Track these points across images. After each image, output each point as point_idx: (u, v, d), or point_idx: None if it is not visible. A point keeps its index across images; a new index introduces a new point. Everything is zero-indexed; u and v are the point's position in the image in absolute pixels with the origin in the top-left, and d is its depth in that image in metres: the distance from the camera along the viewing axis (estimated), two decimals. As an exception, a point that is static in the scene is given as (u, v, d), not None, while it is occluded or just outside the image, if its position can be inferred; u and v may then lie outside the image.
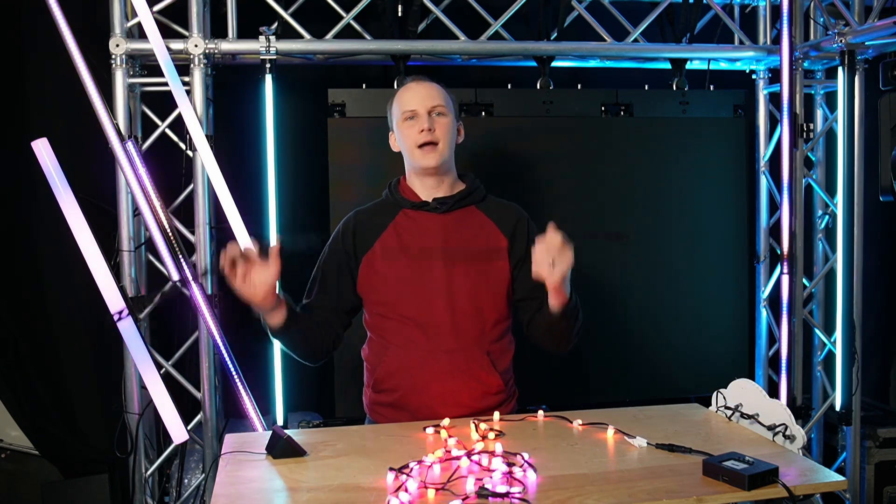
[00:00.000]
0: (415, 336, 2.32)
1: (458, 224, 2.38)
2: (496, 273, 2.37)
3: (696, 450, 1.90)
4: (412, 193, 2.40)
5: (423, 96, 2.33)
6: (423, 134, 2.29)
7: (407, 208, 2.39)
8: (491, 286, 2.36)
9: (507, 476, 1.76)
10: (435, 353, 2.30)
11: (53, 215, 2.81)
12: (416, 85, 2.36)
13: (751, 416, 2.11)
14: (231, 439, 2.08)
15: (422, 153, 2.31)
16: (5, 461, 3.43)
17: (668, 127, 3.59)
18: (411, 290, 2.32)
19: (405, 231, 2.37)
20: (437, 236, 2.35)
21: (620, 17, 3.52)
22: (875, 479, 3.66)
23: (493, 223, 2.40)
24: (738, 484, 1.69)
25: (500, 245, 2.38)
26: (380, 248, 2.36)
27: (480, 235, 2.38)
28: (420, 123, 2.31)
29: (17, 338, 3.45)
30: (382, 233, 2.37)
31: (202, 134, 3.10)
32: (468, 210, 2.41)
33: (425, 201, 2.37)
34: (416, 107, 2.33)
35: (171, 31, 3.23)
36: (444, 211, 2.37)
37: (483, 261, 2.36)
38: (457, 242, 2.35)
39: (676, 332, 3.62)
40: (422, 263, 2.33)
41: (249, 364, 3.18)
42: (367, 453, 1.96)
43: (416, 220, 2.38)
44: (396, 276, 2.34)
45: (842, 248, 3.47)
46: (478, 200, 2.43)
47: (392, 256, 2.35)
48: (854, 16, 3.40)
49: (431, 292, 2.32)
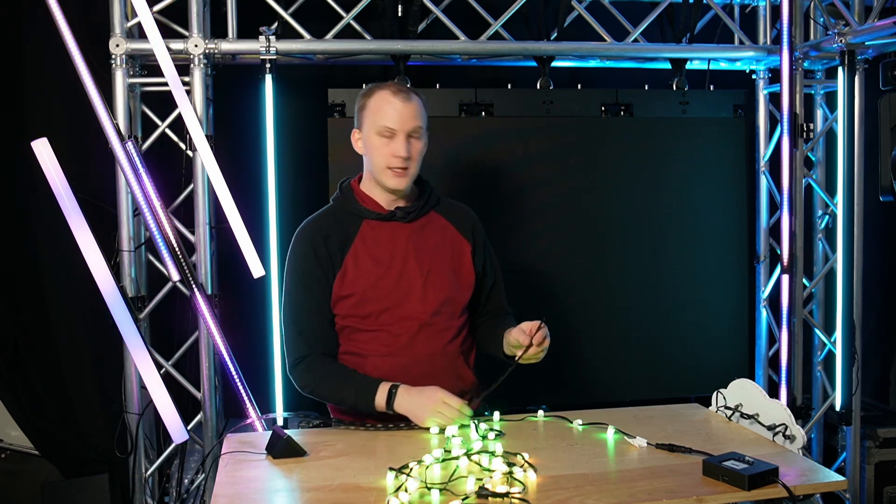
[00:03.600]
0: (394, 344, 2.31)
1: (422, 231, 2.37)
2: (465, 276, 2.41)
3: (696, 450, 1.90)
4: (373, 203, 2.35)
5: (405, 117, 2.24)
6: (398, 160, 2.24)
7: (370, 219, 2.34)
8: (462, 288, 2.40)
9: (506, 476, 1.76)
10: (416, 357, 2.30)
11: (53, 215, 2.81)
12: (399, 103, 2.25)
13: (751, 416, 2.12)
14: (231, 439, 2.08)
15: (392, 175, 2.26)
16: (5, 461, 3.43)
17: (668, 127, 3.59)
18: (387, 300, 2.30)
19: (374, 243, 2.33)
20: (406, 245, 2.34)
21: (620, 17, 3.52)
22: (875, 479, 3.66)
23: (452, 226, 2.42)
24: (738, 484, 1.69)
25: (465, 249, 2.42)
26: (351, 262, 2.31)
27: (445, 240, 2.40)
28: (396, 146, 2.24)
29: (17, 338, 3.44)
30: (350, 247, 2.32)
31: (202, 134, 3.10)
32: (429, 216, 2.41)
33: (390, 212, 2.34)
34: (395, 126, 2.24)
35: (171, 31, 3.24)
36: (410, 220, 2.36)
37: (452, 264, 2.39)
38: (425, 250, 2.35)
39: (676, 333, 3.62)
40: (393, 273, 2.31)
41: (249, 364, 3.18)
42: (367, 453, 1.96)
43: (383, 230, 2.34)
44: (370, 289, 2.30)
45: (842, 248, 3.47)
46: (435, 204, 2.43)
47: (363, 269, 2.30)
48: (854, 16, 3.40)
49: (407, 300, 2.30)
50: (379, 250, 2.32)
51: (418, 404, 2.13)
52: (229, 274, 3.32)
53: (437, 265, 2.35)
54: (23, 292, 3.47)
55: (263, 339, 3.25)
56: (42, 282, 3.48)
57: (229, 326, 3.19)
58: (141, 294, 3.24)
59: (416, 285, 2.31)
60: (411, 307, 2.31)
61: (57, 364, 3.50)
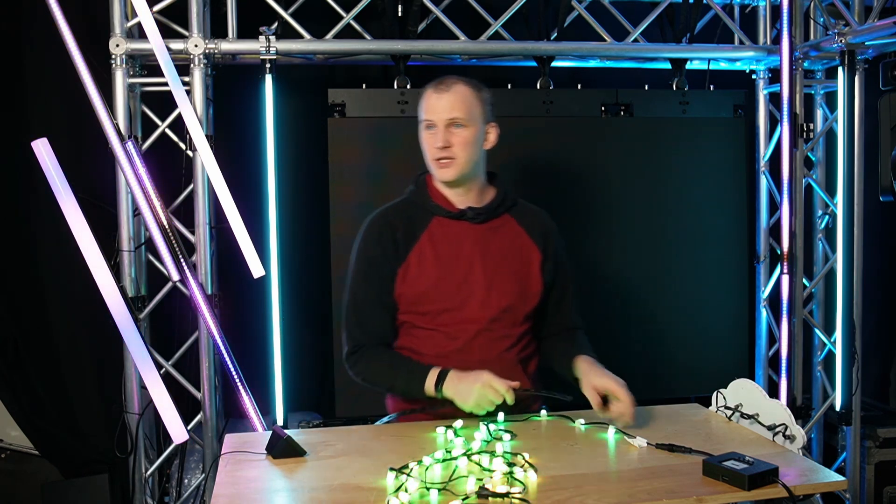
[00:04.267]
0: (450, 346, 2.26)
1: (492, 235, 2.32)
2: (532, 285, 2.33)
3: (696, 450, 1.90)
4: (444, 200, 2.31)
5: (441, 107, 2.22)
6: (437, 150, 2.22)
7: (441, 216, 2.30)
8: (526, 297, 2.32)
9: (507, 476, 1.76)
10: (470, 362, 2.21)
11: (53, 215, 2.80)
12: (435, 94, 2.24)
13: (751, 416, 2.11)
14: (231, 439, 2.08)
15: (438, 166, 2.25)
16: (5, 461, 3.43)
17: (668, 127, 3.59)
18: (447, 301, 2.26)
19: (440, 241, 2.29)
20: (473, 248, 2.29)
21: (620, 17, 3.52)
22: (875, 479, 3.66)
23: (525, 233, 2.36)
24: (738, 484, 1.69)
25: (534, 257, 2.35)
26: (415, 259, 2.27)
27: (514, 246, 2.33)
28: (436, 137, 2.23)
29: (17, 338, 3.44)
30: (416, 242, 2.28)
31: (202, 134, 3.10)
32: (501, 218, 2.35)
33: (461, 211, 2.30)
34: (433, 117, 2.23)
35: (171, 31, 3.23)
36: (480, 222, 2.31)
37: (518, 273, 2.32)
38: (492, 254, 2.30)
39: (676, 333, 3.62)
40: (457, 275, 2.26)
41: (249, 364, 3.18)
42: (367, 453, 1.96)
43: (451, 229, 2.29)
44: (431, 288, 2.26)
45: (842, 248, 3.47)
46: (510, 207, 2.37)
47: (427, 267, 2.26)
48: (854, 16, 3.40)
49: (468, 304, 2.26)
50: (445, 249, 2.28)
51: (465, 387, 2.10)
52: (229, 274, 3.32)
53: (503, 271, 2.29)
54: (23, 292, 3.47)
55: (263, 338, 3.25)
56: (42, 282, 3.48)
57: (229, 326, 3.19)
58: (141, 294, 3.24)
59: (479, 290, 2.26)
60: (471, 311, 2.26)
61: (57, 364, 3.50)
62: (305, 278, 3.59)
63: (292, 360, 3.30)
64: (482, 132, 2.28)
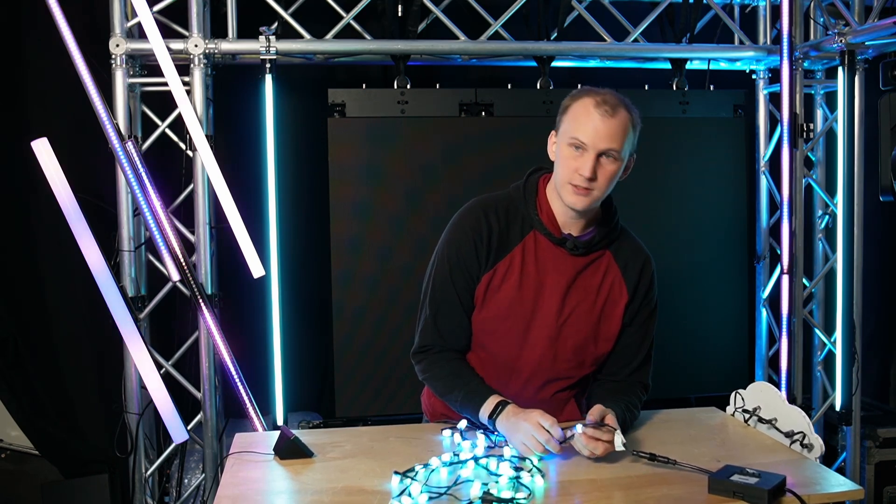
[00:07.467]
0: (507, 377, 2.14)
1: (584, 269, 2.12)
2: (610, 328, 2.16)
3: (680, 462, 1.82)
4: (550, 217, 2.10)
5: (601, 134, 1.96)
6: (580, 178, 1.98)
7: (540, 233, 2.10)
8: (600, 342, 2.16)
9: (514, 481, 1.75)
10: (526, 399, 2.08)
11: (53, 215, 2.80)
12: (598, 116, 1.96)
13: (769, 420, 2.07)
14: (239, 439, 2.07)
15: (574, 191, 2.00)
16: (5, 461, 3.43)
17: (668, 127, 3.58)
18: (516, 328, 2.11)
19: (530, 259, 2.10)
20: (561, 278, 2.10)
21: (620, 17, 3.52)
22: (875, 479, 3.66)
23: (619, 273, 2.15)
24: (756, 499, 1.63)
25: (621, 300, 2.15)
26: (502, 269, 2.09)
27: (605, 284, 2.14)
28: (582, 163, 1.97)
29: (17, 338, 3.44)
30: (508, 253, 2.10)
31: (202, 134, 3.10)
32: (599, 253, 2.14)
33: (562, 237, 2.09)
34: (586, 141, 1.96)
35: (171, 31, 3.23)
36: (578, 254, 2.11)
37: (601, 313, 2.14)
38: (578, 289, 2.11)
39: (676, 332, 3.61)
40: (534, 304, 2.10)
41: (249, 364, 3.18)
42: (374, 455, 1.95)
43: (545, 251, 2.10)
44: (505, 308, 2.10)
45: (842, 248, 3.47)
46: (611, 243, 2.16)
47: (508, 286, 2.09)
48: (854, 16, 3.40)
49: (536, 337, 2.11)
50: (532, 269, 2.10)
51: (513, 427, 1.93)
52: (229, 274, 3.32)
53: (582, 309, 2.11)
54: (23, 292, 3.47)
55: (263, 338, 3.25)
56: (42, 282, 3.48)
57: (229, 326, 3.19)
58: (141, 294, 3.24)
59: (551, 323, 2.10)
60: (535, 346, 2.11)
61: (57, 364, 3.50)
62: (305, 278, 3.59)
63: (292, 361, 3.30)
64: (624, 165, 2.06)
